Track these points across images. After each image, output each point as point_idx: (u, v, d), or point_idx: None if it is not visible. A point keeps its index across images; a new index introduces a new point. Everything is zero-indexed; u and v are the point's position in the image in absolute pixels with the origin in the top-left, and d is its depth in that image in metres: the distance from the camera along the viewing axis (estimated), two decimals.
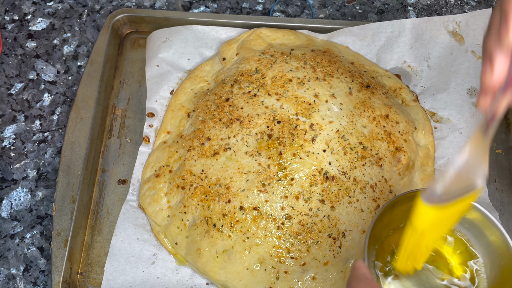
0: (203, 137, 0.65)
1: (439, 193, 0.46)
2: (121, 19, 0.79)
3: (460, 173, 0.46)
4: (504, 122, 0.74)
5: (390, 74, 0.74)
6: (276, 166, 0.62)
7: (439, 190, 0.46)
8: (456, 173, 0.46)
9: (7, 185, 0.71)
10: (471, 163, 0.47)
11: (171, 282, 0.63)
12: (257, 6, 0.84)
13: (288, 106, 0.65)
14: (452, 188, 0.47)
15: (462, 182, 0.47)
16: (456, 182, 0.47)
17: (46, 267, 0.66)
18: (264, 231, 0.60)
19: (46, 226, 0.69)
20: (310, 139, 0.63)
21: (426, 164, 0.68)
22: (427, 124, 0.71)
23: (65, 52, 0.80)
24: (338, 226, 0.61)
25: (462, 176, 0.47)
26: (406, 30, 0.76)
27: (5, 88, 0.77)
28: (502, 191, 0.70)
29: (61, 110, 0.76)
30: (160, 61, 0.76)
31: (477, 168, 0.47)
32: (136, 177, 0.70)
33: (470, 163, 0.47)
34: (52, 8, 0.83)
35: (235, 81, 0.69)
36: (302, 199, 0.61)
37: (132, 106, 0.75)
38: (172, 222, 0.64)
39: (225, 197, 0.62)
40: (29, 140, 0.74)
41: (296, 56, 0.70)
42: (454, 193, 0.47)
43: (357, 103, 0.66)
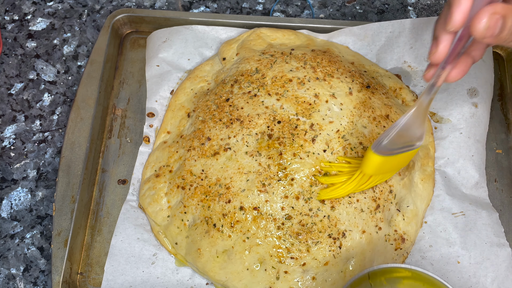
0: (203, 137, 0.65)
1: (384, 144, 0.56)
2: (121, 19, 0.79)
3: (402, 132, 0.56)
4: (504, 122, 0.74)
5: (390, 74, 0.74)
6: (276, 166, 0.62)
7: (384, 142, 0.56)
8: (399, 130, 0.55)
9: (7, 185, 0.71)
10: (412, 125, 0.56)
11: (171, 282, 0.63)
12: (257, 6, 0.84)
13: (288, 106, 0.65)
14: (394, 143, 0.56)
15: (403, 139, 0.57)
16: (398, 139, 0.56)
17: (46, 267, 0.66)
18: (264, 231, 0.60)
19: (46, 226, 0.69)
20: (310, 139, 0.63)
21: (426, 164, 0.68)
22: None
23: (65, 52, 0.80)
24: (338, 226, 0.61)
25: (404, 134, 0.56)
26: (406, 30, 0.76)
27: (5, 88, 0.77)
28: (502, 191, 0.70)
29: (61, 110, 0.76)
30: (160, 61, 0.76)
31: (416, 130, 0.57)
32: (136, 177, 0.70)
33: (411, 124, 0.56)
34: (52, 8, 0.83)
35: (235, 81, 0.69)
36: (302, 199, 0.61)
37: (132, 106, 0.76)
38: (172, 222, 0.64)
39: (225, 197, 0.62)
40: (29, 140, 0.74)
41: (296, 56, 0.70)
42: (396, 148, 0.57)
43: (357, 103, 0.66)
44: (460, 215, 0.66)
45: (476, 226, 0.65)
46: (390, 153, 0.57)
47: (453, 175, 0.68)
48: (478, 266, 0.63)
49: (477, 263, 0.63)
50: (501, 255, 0.63)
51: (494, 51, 0.78)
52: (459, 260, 0.63)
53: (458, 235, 0.64)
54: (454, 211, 0.66)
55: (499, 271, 0.62)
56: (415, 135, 0.57)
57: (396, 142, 0.56)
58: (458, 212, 0.66)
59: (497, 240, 0.64)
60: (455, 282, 0.62)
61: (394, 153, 0.57)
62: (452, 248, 0.64)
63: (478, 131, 0.70)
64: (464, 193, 0.67)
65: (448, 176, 0.68)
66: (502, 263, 0.63)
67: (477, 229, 0.64)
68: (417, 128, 0.57)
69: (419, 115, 0.55)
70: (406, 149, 0.58)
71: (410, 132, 0.57)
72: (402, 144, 0.57)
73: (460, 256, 0.63)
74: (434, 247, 0.64)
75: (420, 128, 0.57)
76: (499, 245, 0.64)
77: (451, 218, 0.66)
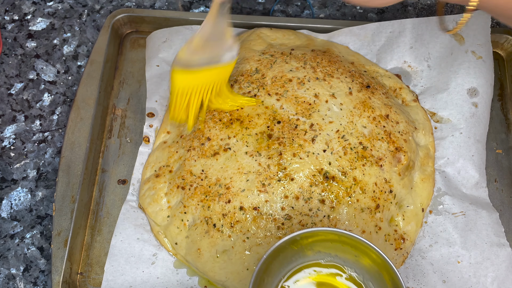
0: (203, 137, 0.65)
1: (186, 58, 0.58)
2: (121, 19, 0.79)
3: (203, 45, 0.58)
4: (504, 122, 0.74)
5: (390, 74, 0.74)
6: (276, 166, 0.62)
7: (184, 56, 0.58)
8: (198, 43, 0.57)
9: (7, 185, 0.71)
10: (212, 38, 0.58)
11: (171, 282, 0.63)
12: (257, 6, 0.84)
13: (288, 106, 0.65)
14: (197, 57, 0.58)
15: (207, 53, 0.59)
16: (201, 53, 0.58)
17: (46, 267, 0.66)
18: (264, 231, 0.60)
19: (46, 226, 0.69)
20: (310, 139, 0.63)
21: (426, 164, 0.68)
22: (427, 124, 0.70)
23: (65, 52, 0.80)
24: (338, 226, 0.61)
25: (206, 48, 0.58)
26: (406, 30, 0.76)
27: (5, 88, 0.77)
28: (502, 191, 0.70)
29: (61, 110, 0.76)
30: (160, 61, 0.76)
31: (220, 44, 0.59)
32: (136, 177, 0.70)
33: (211, 37, 0.58)
34: (52, 8, 0.83)
35: (235, 81, 0.69)
36: (302, 199, 0.61)
37: (132, 106, 0.75)
38: (172, 222, 0.64)
39: (225, 197, 0.62)
40: (29, 140, 0.74)
41: (296, 56, 0.70)
42: (201, 62, 0.59)
43: (357, 103, 0.66)
44: (460, 215, 0.66)
45: (476, 226, 0.65)
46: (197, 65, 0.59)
47: (453, 175, 0.68)
48: (478, 266, 0.63)
49: (477, 263, 0.63)
50: (501, 255, 0.63)
51: (494, 51, 0.78)
52: (459, 260, 0.63)
53: (458, 235, 0.64)
54: (454, 211, 0.66)
55: (499, 271, 0.62)
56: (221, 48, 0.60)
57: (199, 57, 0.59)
58: (458, 212, 0.66)
59: (497, 240, 0.64)
60: (455, 282, 0.62)
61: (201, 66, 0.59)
62: (452, 248, 0.64)
63: (478, 131, 0.70)
64: (464, 193, 0.67)
65: (448, 176, 0.68)
66: (502, 263, 0.63)
67: (477, 229, 0.64)
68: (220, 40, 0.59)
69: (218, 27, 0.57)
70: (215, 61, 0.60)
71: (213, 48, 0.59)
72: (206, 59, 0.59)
73: (460, 256, 0.63)
74: (434, 247, 0.64)
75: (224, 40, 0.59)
76: (499, 245, 0.64)
77: (451, 218, 0.66)
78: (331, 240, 0.53)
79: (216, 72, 0.62)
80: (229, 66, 0.62)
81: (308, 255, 0.54)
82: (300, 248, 0.53)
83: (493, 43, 0.76)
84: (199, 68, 0.60)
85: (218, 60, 0.61)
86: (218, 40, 0.59)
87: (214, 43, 0.59)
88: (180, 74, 0.60)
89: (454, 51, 0.74)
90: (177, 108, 0.64)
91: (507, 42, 0.78)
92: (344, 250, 0.53)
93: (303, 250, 0.54)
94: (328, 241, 0.53)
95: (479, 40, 0.74)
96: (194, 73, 0.60)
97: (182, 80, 0.60)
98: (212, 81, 0.63)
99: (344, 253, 0.54)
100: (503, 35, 0.78)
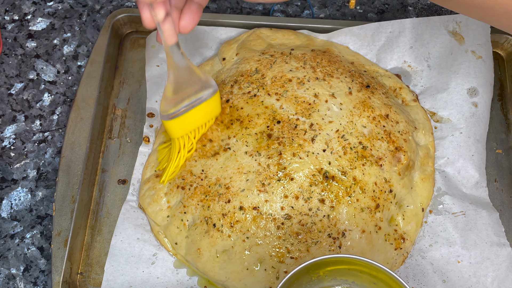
0: (205, 139, 0.65)
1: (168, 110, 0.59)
2: (121, 19, 0.79)
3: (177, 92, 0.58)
4: (504, 122, 0.74)
5: (390, 74, 0.74)
6: (276, 166, 0.62)
7: (164, 109, 0.59)
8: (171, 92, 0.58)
9: (7, 185, 0.71)
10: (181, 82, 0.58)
11: (171, 282, 0.63)
12: (257, 6, 0.84)
13: (288, 106, 0.65)
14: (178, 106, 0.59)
15: (185, 99, 0.59)
16: (179, 100, 0.59)
17: (46, 267, 0.66)
18: (264, 231, 0.60)
19: (46, 226, 0.69)
20: (310, 139, 0.63)
21: (426, 164, 0.68)
22: (427, 124, 0.70)
23: (65, 52, 0.80)
24: (338, 226, 0.61)
25: (181, 94, 0.59)
26: (406, 30, 0.76)
27: (5, 88, 0.77)
28: (502, 191, 0.70)
29: (61, 110, 0.76)
30: (160, 61, 0.76)
31: (192, 85, 0.59)
32: (136, 177, 0.70)
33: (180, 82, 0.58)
34: (52, 8, 0.84)
35: (235, 81, 0.69)
36: (302, 199, 0.61)
37: (132, 106, 0.76)
38: (172, 222, 0.64)
39: (225, 197, 0.62)
40: (29, 140, 0.74)
41: (296, 56, 0.70)
42: (185, 108, 0.60)
43: (357, 103, 0.66)
44: (460, 214, 0.66)
45: (476, 225, 0.65)
46: (182, 111, 0.60)
47: (453, 174, 0.68)
48: (478, 265, 0.63)
49: (477, 263, 0.63)
50: (502, 255, 0.63)
51: (494, 51, 0.78)
52: (459, 260, 0.63)
53: (458, 235, 0.64)
54: (454, 210, 0.66)
55: (499, 271, 0.62)
56: (196, 87, 0.60)
57: (178, 104, 0.59)
58: (458, 211, 0.66)
59: (497, 239, 0.64)
60: (455, 282, 0.62)
61: (186, 111, 0.60)
62: (452, 248, 0.64)
63: (478, 131, 0.70)
64: (464, 193, 0.67)
65: (448, 176, 0.68)
66: (503, 263, 0.63)
67: (477, 228, 0.64)
68: (192, 81, 0.59)
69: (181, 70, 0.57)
70: (198, 101, 0.61)
71: (185, 89, 0.59)
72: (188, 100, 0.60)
73: (460, 255, 0.63)
74: (434, 247, 0.64)
75: (195, 79, 0.59)
76: (499, 244, 0.64)
77: (451, 217, 0.66)
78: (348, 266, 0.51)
79: (204, 109, 0.62)
80: (214, 99, 0.62)
81: (324, 282, 0.53)
82: (315, 274, 0.52)
83: (493, 43, 0.76)
84: (185, 113, 0.60)
85: (201, 100, 0.61)
86: (188, 82, 0.59)
87: (186, 87, 0.59)
88: (172, 123, 0.61)
89: (454, 51, 0.74)
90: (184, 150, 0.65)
91: (507, 42, 0.78)
92: (362, 277, 0.52)
93: (319, 276, 0.52)
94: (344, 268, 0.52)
95: (479, 40, 0.74)
96: (183, 117, 0.61)
97: (177, 126, 0.61)
98: (206, 119, 0.64)
99: (362, 280, 0.52)
100: (503, 35, 0.78)
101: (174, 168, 0.65)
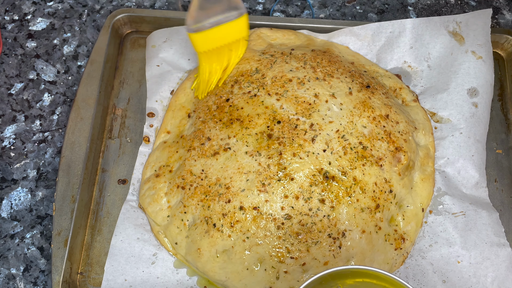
0: (204, 137, 0.65)
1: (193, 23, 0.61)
2: (121, 19, 0.79)
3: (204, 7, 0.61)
4: (504, 122, 0.74)
5: (390, 74, 0.74)
6: (276, 166, 0.62)
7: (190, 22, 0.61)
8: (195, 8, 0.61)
9: (7, 185, 0.71)
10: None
11: (171, 282, 0.63)
12: (257, 6, 0.84)
13: (288, 106, 0.65)
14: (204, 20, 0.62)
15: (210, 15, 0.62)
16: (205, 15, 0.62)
17: (46, 267, 0.66)
18: (264, 231, 0.60)
19: (46, 226, 0.69)
20: (310, 139, 0.63)
21: (426, 164, 0.68)
22: (427, 124, 0.71)
23: (65, 52, 0.80)
24: (338, 226, 0.61)
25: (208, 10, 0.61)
26: (406, 30, 0.76)
27: (5, 88, 0.77)
28: (502, 191, 0.70)
29: (61, 110, 0.76)
30: (160, 61, 0.76)
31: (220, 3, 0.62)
32: (136, 177, 0.70)
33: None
34: (52, 8, 0.84)
35: (236, 81, 0.69)
36: (302, 199, 0.61)
37: (132, 106, 0.76)
38: (172, 222, 0.64)
39: (225, 197, 0.62)
40: (29, 140, 0.74)
41: (296, 56, 0.70)
42: (211, 22, 0.63)
43: (357, 103, 0.66)
44: (460, 215, 0.66)
45: (476, 226, 0.65)
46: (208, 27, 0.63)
47: (453, 175, 0.68)
48: (478, 266, 0.63)
49: (477, 263, 0.63)
50: (501, 255, 0.63)
51: (494, 51, 0.78)
52: (459, 260, 0.63)
53: (458, 235, 0.64)
54: (454, 211, 0.66)
55: (499, 271, 0.62)
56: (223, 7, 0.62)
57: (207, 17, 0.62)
58: (458, 212, 0.66)
59: (497, 240, 0.64)
60: (456, 282, 0.62)
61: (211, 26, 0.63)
62: (452, 248, 0.64)
63: (478, 131, 0.70)
64: (464, 193, 0.67)
65: (448, 176, 0.68)
66: (502, 263, 0.63)
67: (477, 229, 0.64)
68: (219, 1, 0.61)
69: None
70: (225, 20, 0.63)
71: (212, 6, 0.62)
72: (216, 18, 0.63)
73: (460, 256, 0.63)
74: (434, 247, 0.64)
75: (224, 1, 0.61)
76: (499, 245, 0.64)
77: (451, 218, 0.66)
78: (363, 277, 0.49)
79: (229, 28, 0.64)
80: (240, 21, 0.64)
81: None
82: (328, 286, 0.50)
83: (493, 43, 0.76)
84: (211, 28, 0.63)
85: (228, 18, 0.63)
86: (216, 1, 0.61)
87: (212, 4, 0.61)
88: (196, 36, 0.62)
89: (454, 51, 0.74)
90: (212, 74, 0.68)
91: (507, 42, 0.78)
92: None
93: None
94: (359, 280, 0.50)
95: (479, 40, 0.74)
96: (208, 32, 0.63)
97: (201, 40, 0.63)
98: (230, 39, 0.66)
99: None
100: (503, 35, 0.78)
101: (205, 86, 0.68)
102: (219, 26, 0.63)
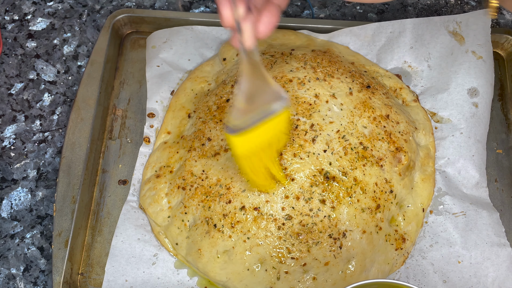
0: (204, 137, 0.65)
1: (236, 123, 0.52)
2: (122, 19, 0.79)
3: (248, 101, 0.51)
4: (505, 122, 0.75)
5: (390, 74, 0.74)
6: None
7: (233, 122, 0.52)
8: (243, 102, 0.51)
9: (7, 185, 0.71)
10: (254, 92, 0.51)
11: (171, 282, 0.63)
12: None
13: None
14: (247, 116, 0.52)
15: (254, 110, 0.52)
16: (249, 111, 0.52)
17: (46, 267, 0.66)
18: (264, 231, 0.60)
19: (46, 226, 0.69)
20: (310, 139, 0.63)
21: (426, 164, 0.68)
22: (427, 124, 0.71)
23: (65, 52, 0.80)
24: (339, 227, 0.61)
25: (252, 105, 0.51)
26: (406, 30, 0.76)
27: (5, 88, 0.77)
28: (502, 191, 0.70)
29: (61, 110, 0.76)
30: (160, 62, 0.76)
31: (264, 95, 0.52)
32: (137, 177, 0.70)
33: (253, 92, 0.51)
34: (52, 8, 0.83)
35: (236, 81, 0.69)
36: (302, 200, 0.61)
37: (133, 106, 0.75)
38: (173, 222, 0.64)
39: (226, 197, 0.62)
40: (29, 140, 0.74)
41: (296, 57, 0.70)
42: (253, 119, 0.52)
43: (357, 104, 0.66)
44: (460, 215, 0.66)
45: (477, 226, 0.65)
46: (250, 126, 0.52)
47: (454, 175, 0.68)
48: (479, 266, 0.63)
49: (478, 263, 0.63)
50: (502, 255, 0.63)
51: (494, 51, 0.78)
52: (460, 260, 0.63)
53: (459, 235, 0.64)
54: (455, 211, 0.66)
55: (499, 271, 0.62)
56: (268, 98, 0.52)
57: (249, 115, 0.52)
58: (458, 212, 0.66)
59: (497, 240, 0.64)
60: (456, 282, 0.62)
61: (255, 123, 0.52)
62: (452, 248, 0.64)
63: (478, 131, 0.70)
64: (465, 193, 0.67)
65: (449, 176, 0.68)
66: (503, 263, 0.63)
67: (478, 229, 0.64)
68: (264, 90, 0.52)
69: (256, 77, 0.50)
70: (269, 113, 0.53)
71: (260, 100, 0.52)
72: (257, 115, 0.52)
73: (461, 256, 0.63)
74: (435, 247, 0.64)
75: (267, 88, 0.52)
76: (499, 245, 0.64)
77: (452, 218, 0.66)
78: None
79: (272, 124, 0.54)
80: (283, 114, 0.54)
81: None
82: None
83: (493, 43, 0.76)
84: (253, 126, 0.52)
85: (270, 112, 0.53)
86: (261, 92, 0.52)
87: (258, 97, 0.52)
88: (237, 139, 0.52)
89: (454, 51, 0.74)
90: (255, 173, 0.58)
91: (507, 42, 0.78)
92: None
93: None
94: None
95: (479, 40, 0.74)
96: (250, 133, 0.52)
97: (242, 143, 0.53)
98: (273, 135, 0.56)
99: None
100: (503, 35, 0.78)
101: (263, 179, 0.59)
102: (261, 123, 0.53)
